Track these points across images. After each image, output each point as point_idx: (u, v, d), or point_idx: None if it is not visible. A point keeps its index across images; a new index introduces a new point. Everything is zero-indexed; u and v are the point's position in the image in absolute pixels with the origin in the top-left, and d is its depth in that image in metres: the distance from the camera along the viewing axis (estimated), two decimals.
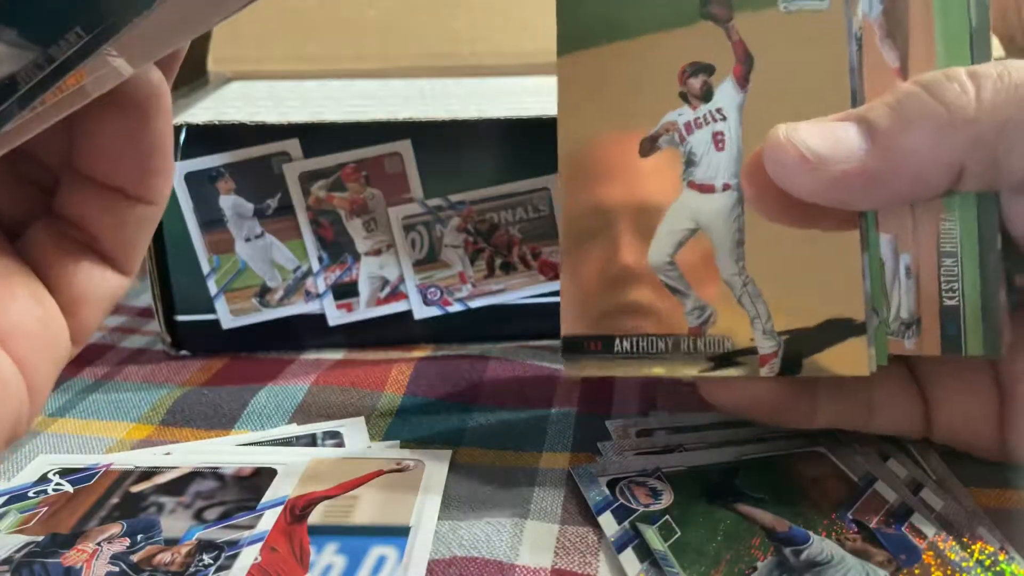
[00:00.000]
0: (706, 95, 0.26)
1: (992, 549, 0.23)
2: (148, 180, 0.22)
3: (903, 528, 0.25)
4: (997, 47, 0.56)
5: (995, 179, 0.23)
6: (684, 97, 0.26)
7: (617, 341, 0.26)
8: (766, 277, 0.25)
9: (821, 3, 0.25)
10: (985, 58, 0.25)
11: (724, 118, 0.26)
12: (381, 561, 0.24)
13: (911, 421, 0.27)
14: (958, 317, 0.24)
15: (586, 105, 0.26)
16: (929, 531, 0.24)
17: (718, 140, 0.26)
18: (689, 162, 0.26)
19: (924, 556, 0.23)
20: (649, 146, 0.26)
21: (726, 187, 0.26)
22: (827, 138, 0.23)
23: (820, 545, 0.24)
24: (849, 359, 0.25)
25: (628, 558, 0.24)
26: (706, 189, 0.26)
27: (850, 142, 0.23)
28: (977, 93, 0.22)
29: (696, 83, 0.26)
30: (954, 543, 0.24)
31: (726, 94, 0.26)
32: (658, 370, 0.26)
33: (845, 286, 0.25)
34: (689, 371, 0.26)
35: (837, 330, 0.25)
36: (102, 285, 0.23)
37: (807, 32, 0.25)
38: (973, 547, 0.24)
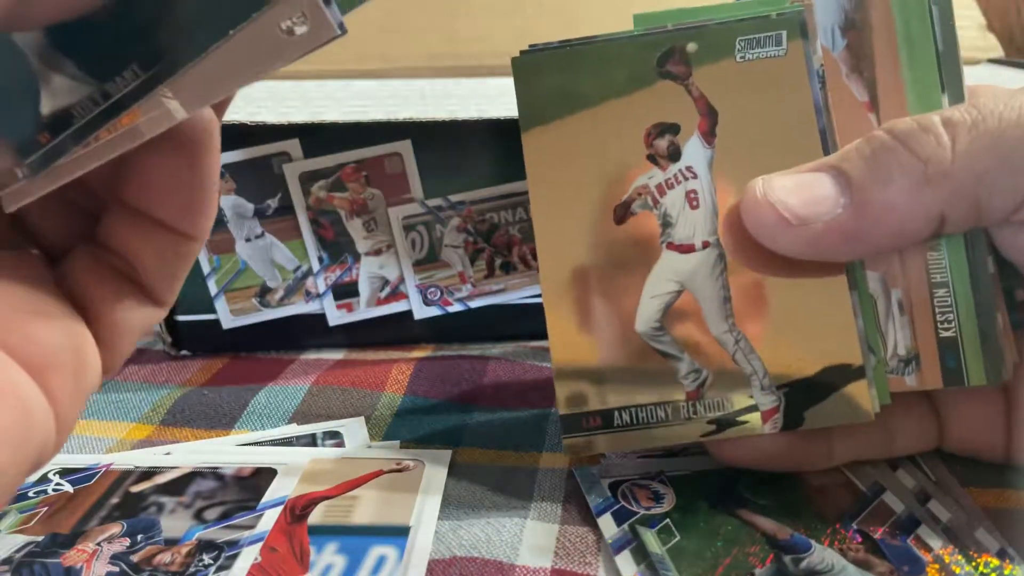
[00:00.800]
0: (673, 155, 0.25)
1: (997, 563, 0.23)
2: (193, 216, 0.22)
3: (908, 540, 0.24)
4: (996, 46, 0.56)
5: (978, 221, 0.23)
6: (652, 159, 0.26)
7: (616, 414, 0.26)
8: (757, 330, 0.25)
9: (778, 49, 0.25)
10: (956, 82, 0.24)
11: (695, 175, 0.25)
12: (381, 561, 0.24)
13: (927, 438, 0.27)
14: (957, 348, 0.24)
15: (555, 177, 0.26)
16: (935, 543, 0.24)
17: (691, 198, 0.25)
18: (666, 223, 0.26)
19: (928, 569, 0.23)
20: (623, 212, 0.26)
21: (705, 244, 0.25)
22: (804, 195, 0.23)
23: (821, 554, 0.24)
24: (852, 405, 0.24)
25: (625, 560, 0.24)
26: (686, 249, 0.25)
27: (828, 199, 0.23)
28: (953, 145, 0.22)
29: (663, 144, 0.25)
30: (960, 556, 0.24)
31: (694, 151, 0.25)
32: (660, 439, 0.26)
33: (838, 331, 0.24)
34: (691, 435, 0.25)
35: (836, 376, 0.24)
36: (138, 316, 0.22)
37: (767, 79, 0.25)
38: (978, 560, 0.24)
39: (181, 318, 0.38)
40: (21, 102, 0.20)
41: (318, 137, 0.36)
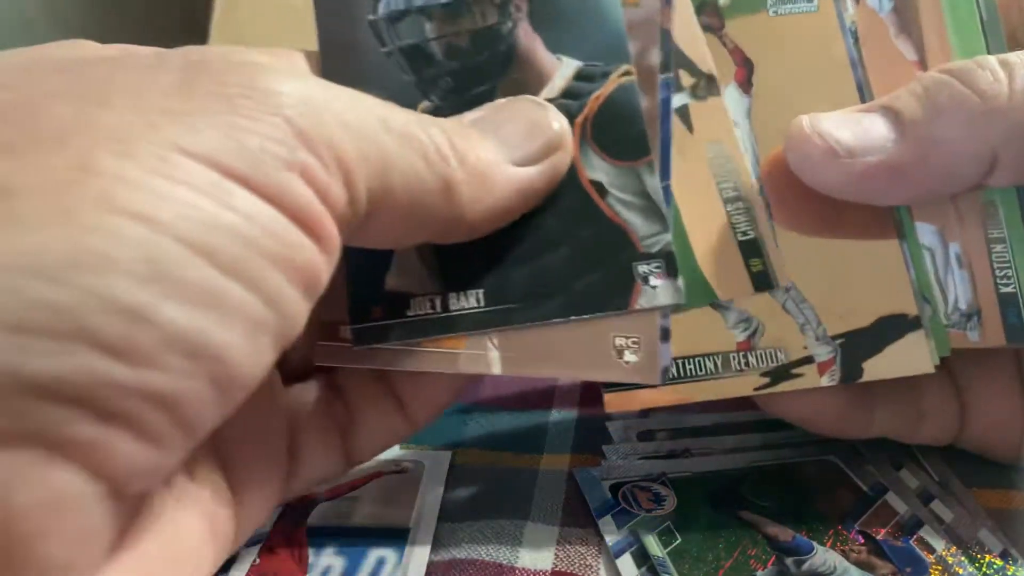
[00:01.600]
0: None
1: (1000, 563, 0.23)
2: (417, 422, 0.25)
3: (911, 541, 0.24)
4: None
5: None
6: None
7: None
8: (807, 282, 0.24)
9: (810, 4, 0.25)
10: (999, 50, 0.24)
11: (735, 124, 0.25)
12: (380, 563, 0.24)
13: (950, 429, 0.27)
14: (1018, 304, 0.23)
15: None
16: (938, 544, 0.24)
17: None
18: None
19: (931, 570, 0.23)
20: None
21: None
22: (854, 129, 0.22)
23: (823, 556, 0.24)
24: (911, 355, 0.23)
25: (625, 563, 0.24)
26: None
27: (878, 133, 0.22)
28: (1010, 83, 0.21)
29: None
30: (963, 557, 0.23)
31: (731, 100, 0.25)
32: (711, 392, 0.24)
33: (890, 280, 0.24)
34: (744, 389, 0.24)
35: (892, 327, 0.24)
36: (324, 465, 0.24)
37: (800, 33, 0.25)
38: (982, 561, 0.23)
39: None
40: (375, 264, 0.21)
41: None
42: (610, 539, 0.25)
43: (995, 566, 0.23)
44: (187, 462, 0.20)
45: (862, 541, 0.24)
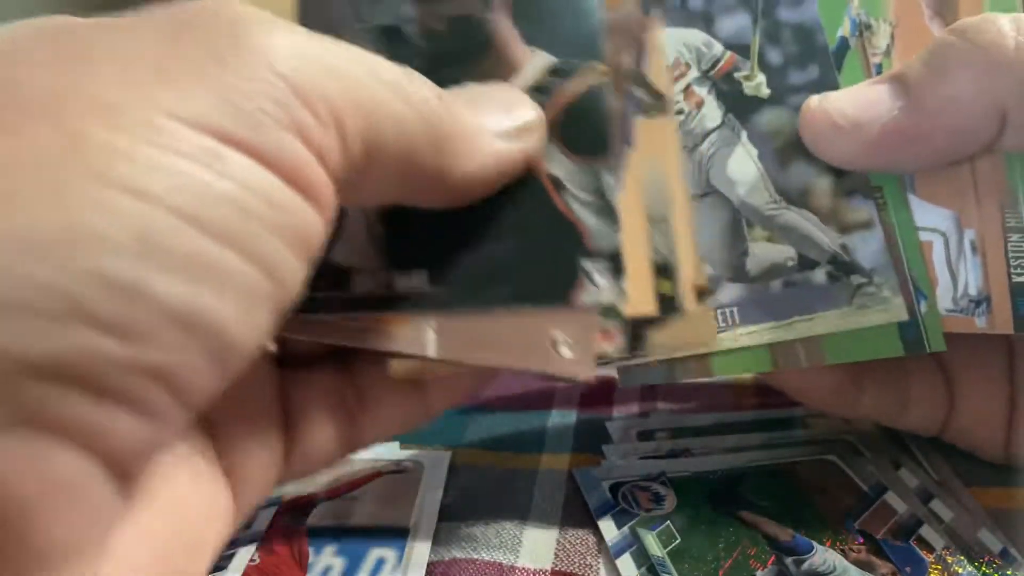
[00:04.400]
0: None
1: (999, 563, 0.23)
2: (411, 423, 0.25)
3: (911, 540, 0.24)
4: None
5: None
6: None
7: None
8: None
9: None
10: None
11: None
12: (380, 563, 0.24)
13: (936, 418, 0.27)
14: None
15: None
16: (938, 544, 0.24)
17: None
18: None
19: (931, 569, 0.23)
20: None
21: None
22: (859, 101, 0.22)
23: (823, 556, 0.24)
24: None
25: (625, 563, 0.24)
26: None
27: (883, 102, 0.22)
28: (1017, 37, 0.21)
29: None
30: (963, 557, 0.23)
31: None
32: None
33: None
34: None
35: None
36: (331, 444, 0.24)
37: None
38: (981, 560, 0.23)
39: None
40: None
41: None
42: (610, 539, 0.25)
43: (994, 565, 0.23)
44: (184, 438, 0.20)
45: (862, 541, 0.24)
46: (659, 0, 0.25)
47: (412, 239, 0.21)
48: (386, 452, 0.30)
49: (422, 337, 0.20)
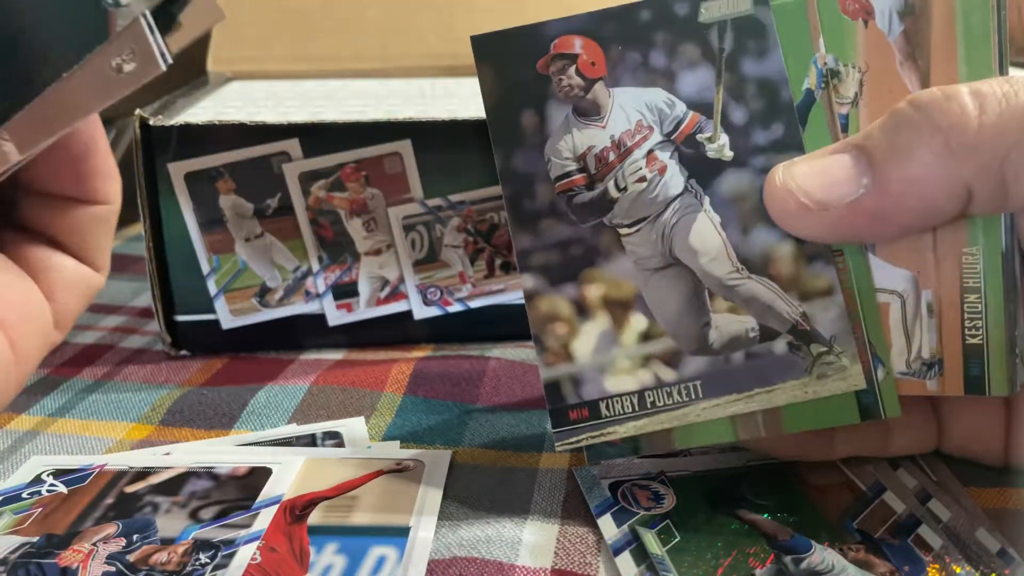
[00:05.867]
0: None
1: (998, 562, 0.23)
2: (90, 183, 0.24)
3: (909, 540, 0.24)
4: None
5: (1005, 202, 0.22)
6: None
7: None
8: None
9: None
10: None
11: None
12: (381, 561, 0.24)
13: (926, 439, 0.27)
14: (982, 356, 0.23)
15: None
16: (936, 543, 0.24)
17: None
18: None
19: (929, 569, 0.23)
20: None
21: None
22: (823, 179, 0.22)
23: (821, 555, 0.24)
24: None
25: (625, 561, 0.24)
26: None
27: (848, 181, 0.22)
28: (980, 115, 0.21)
29: None
30: (960, 556, 0.24)
31: None
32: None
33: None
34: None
35: None
36: (75, 276, 0.25)
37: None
38: (979, 560, 0.23)
39: (180, 318, 0.38)
40: None
41: (318, 137, 0.36)
42: (609, 537, 0.25)
43: (992, 565, 0.23)
44: None
45: (860, 540, 0.24)
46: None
47: None
48: (386, 451, 0.30)
49: (1, 149, 0.21)
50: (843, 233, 0.23)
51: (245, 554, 0.24)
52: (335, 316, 0.39)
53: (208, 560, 0.24)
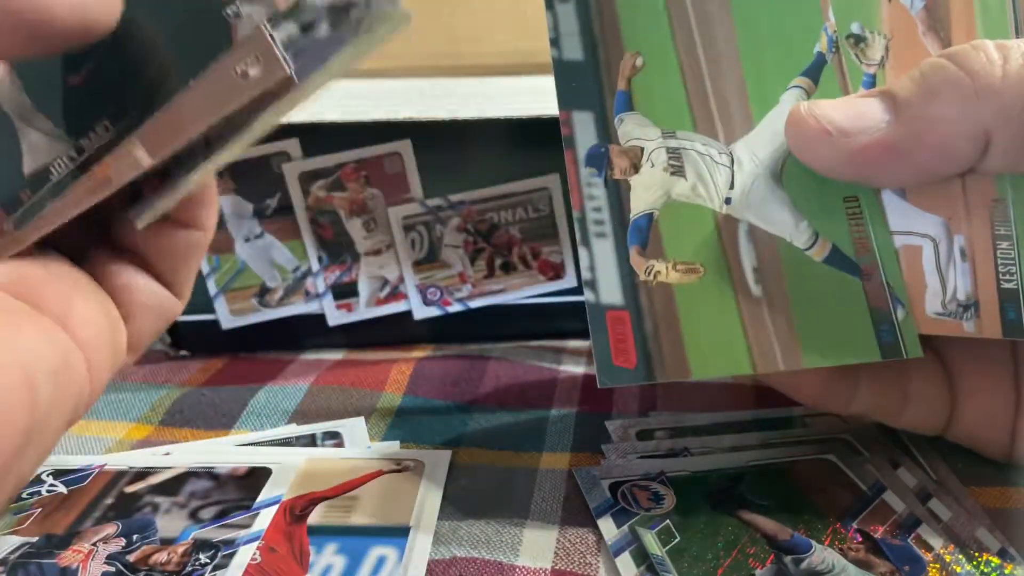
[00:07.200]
0: None
1: (998, 562, 0.23)
2: (193, 207, 0.24)
3: (909, 539, 0.24)
4: None
5: (1021, 157, 0.22)
6: None
7: None
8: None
9: None
10: None
11: None
12: (381, 561, 0.24)
13: (937, 417, 0.27)
14: (1017, 300, 0.23)
15: None
16: (936, 543, 0.24)
17: None
18: None
19: (929, 568, 0.23)
20: None
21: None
22: (849, 111, 0.23)
23: (822, 554, 0.24)
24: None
25: (625, 562, 0.24)
26: None
27: (873, 115, 0.23)
28: (1004, 64, 0.22)
29: None
30: (961, 556, 0.24)
31: None
32: None
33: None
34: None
35: None
36: (155, 299, 0.24)
37: None
38: (979, 559, 0.23)
39: (180, 318, 0.38)
40: (6, 163, 0.22)
41: (317, 137, 0.36)
42: (609, 538, 0.25)
43: (992, 564, 0.23)
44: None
45: (860, 539, 0.24)
46: None
47: (79, 103, 0.21)
48: (386, 451, 0.30)
49: (131, 157, 0.21)
50: (859, 167, 0.23)
51: (245, 554, 0.24)
52: (335, 316, 0.39)
53: (208, 560, 0.24)
